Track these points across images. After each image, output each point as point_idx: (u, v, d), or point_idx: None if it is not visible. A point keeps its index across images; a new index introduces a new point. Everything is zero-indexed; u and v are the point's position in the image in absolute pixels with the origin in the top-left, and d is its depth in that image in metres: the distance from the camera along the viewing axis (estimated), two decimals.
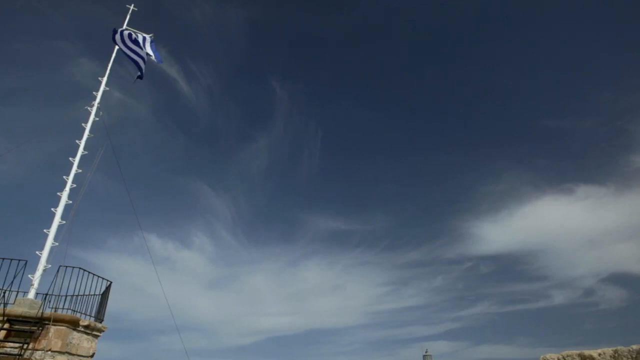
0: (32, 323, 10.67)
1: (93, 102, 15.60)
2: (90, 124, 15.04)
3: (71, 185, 13.73)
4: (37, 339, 10.67)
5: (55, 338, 10.84)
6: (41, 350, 10.60)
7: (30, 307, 11.07)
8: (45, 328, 10.81)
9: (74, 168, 14.00)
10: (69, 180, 13.73)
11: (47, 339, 10.74)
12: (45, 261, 12.18)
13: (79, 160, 14.31)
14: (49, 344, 10.70)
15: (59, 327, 10.99)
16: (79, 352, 11.39)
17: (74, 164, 14.11)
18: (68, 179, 13.77)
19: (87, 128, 14.96)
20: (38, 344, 10.63)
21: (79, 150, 14.43)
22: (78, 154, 14.35)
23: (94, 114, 15.25)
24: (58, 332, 10.93)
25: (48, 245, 12.42)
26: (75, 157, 14.29)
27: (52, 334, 10.83)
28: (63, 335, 10.96)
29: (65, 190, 13.50)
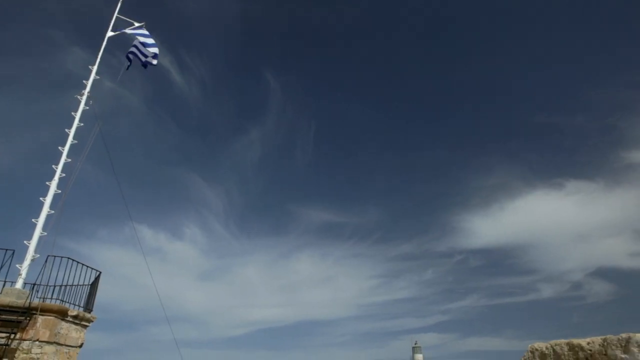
0: (20, 313, 10.56)
1: (83, 91, 15.40)
2: (80, 113, 14.86)
3: (60, 174, 13.58)
4: (25, 329, 10.57)
5: (43, 328, 10.75)
6: (29, 340, 10.51)
7: (18, 296, 10.96)
8: (33, 318, 10.71)
9: (63, 157, 13.83)
10: (58, 170, 13.57)
11: (34, 329, 10.64)
12: (33, 251, 12.06)
13: (69, 150, 14.13)
14: (37, 334, 10.60)
15: (47, 317, 10.89)
16: (67, 342, 11.31)
17: (63, 153, 13.95)
18: (57, 168, 13.61)
19: (77, 117, 14.78)
20: (25, 334, 10.54)
21: (68, 140, 14.25)
22: (67, 143, 14.18)
23: (83, 102, 15.06)
24: (46, 322, 10.83)
25: (36, 234, 12.29)
26: (65, 146, 14.13)
27: (40, 324, 10.73)
28: (51, 325, 10.87)
29: (54, 180, 13.35)
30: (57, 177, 13.43)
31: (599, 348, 2.26)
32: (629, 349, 2.14)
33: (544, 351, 2.43)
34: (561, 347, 2.34)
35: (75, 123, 14.64)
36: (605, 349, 2.23)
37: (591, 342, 2.31)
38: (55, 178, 13.39)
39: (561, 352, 2.34)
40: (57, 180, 13.39)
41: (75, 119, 14.72)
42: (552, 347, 2.38)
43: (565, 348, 2.33)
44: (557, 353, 2.36)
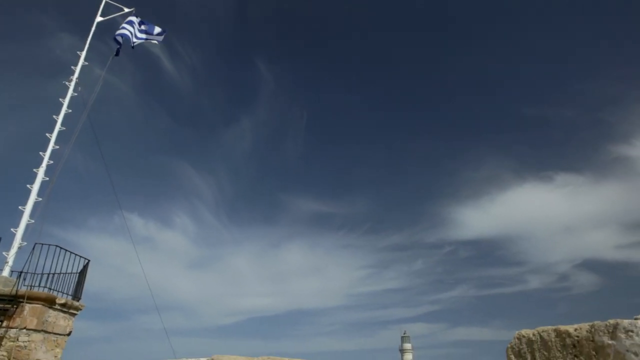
0: (6, 301, 10.45)
1: (71, 77, 15.17)
2: (68, 99, 14.64)
3: (48, 161, 13.41)
4: (12, 317, 10.47)
5: (30, 316, 10.65)
6: (16, 328, 10.41)
7: (5, 284, 10.84)
8: (20, 306, 10.60)
9: (51, 144, 13.65)
10: (46, 157, 13.40)
11: (22, 317, 10.54)
12: (20, 238, 11.93)
13: (57, 137, 13.95)
14: (24, 322, 10.50)
15: (34, 305, 10.79)
16: (55, 330, 11.22)
17: (51, 140, 13.76)
18: (45, 155, 13.43)
19: (65, 103, 14.56)
20: (12, 322, 10.44)
21: (56, 126, 14.05)
22: (55, 129, 13.99)
23: (72, 89, 14.84)
24: (33, 310, 10.73)
25: (23, 222, 12.15)
26: (53, 133, 13.93)
27: (27, 312, 10.63)
28: (39, 314, 10.77)
29: (41, 167, 13.18)
30: (44, 164, 13.25)
31: (586, 334, 2.22)
32: (616, 335, 2.10)
33: (530, 338, 2.39)
34: (548, 334, 2.30)
35: (63, 109, 14.43)
36: (593, 335, 2.19)
37: (578, 329, 2.27)
38: (42, 165, 13.22)
39: (548, 339, 2.30)
40: (44, 168, 13.22)
41: (63, 105, 14.51)
42: (539, 333, 2.34)
43: (552, 334, 2.29)
44: (544, 339, 2.32)
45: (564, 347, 2.28)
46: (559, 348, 2.30)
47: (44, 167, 13.21)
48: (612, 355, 2.09)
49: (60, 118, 14.23)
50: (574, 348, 2.24)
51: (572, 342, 2.26)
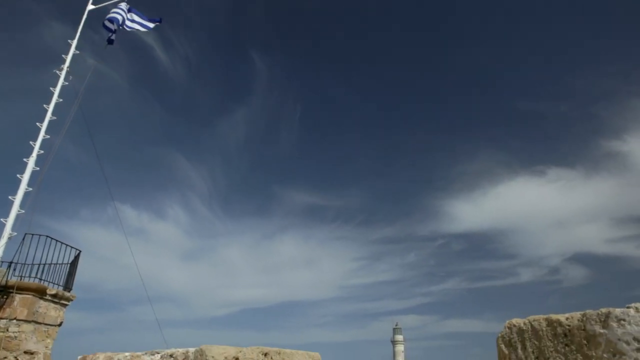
0: None
1: (62, 66, 14.94)
2: (59, 88, 14.43)
3: (39, 151, 13.22)
4: (2, 307, 10.38)
5: (20, 306, 10.56)
6: (6, 318, 10.33)
7: None
8: (10, 296, 10.51)
9: (42, 133, 13.46)
10: (36, 146, 13.21)
11: (12, 307, 10.45)
12: (10, 229, 11.77)
13: (47, 126, 13.75)
14: (14, 313, 10.42)
15: (24, 296, 10.70)
16: (46, 321, 11.14)
17: (41, 129, 13.56)
18: (35, 144, 13.25)
19: (56, 92, 14.35)
20: (2, 313, 10.35)
21: (46, 116, 13.85)
22: (46, 119, 13.78)
23: (63, 77, 14.61)
24: (24, 301, 10.64)
25: (13, 212, 11.99)
26: (43, 122, 13.74)
27: (17, 303, 10.54)
28: (29, 304, 10.68)
29: (32, 157, 13.00)
30: (35, 153, 13.08)
31: (578, 323, 2.19)
32: (608, 324, 2.07)
33: (521, 327, 2.36)
34: (539, 323, 2.27)
35: (54, 99, 14.22)
36: (584, 324, 2.16)
37: (570, 318, 2.24)
38: (33, 155, 13.04)
39: (539, 328, 2.27)
40: (35, 157, 13.05)
41: (54, 94, 14.31)
42: (530, 322, 2.30)
43: (543, 323, 2.26)
44: (534, 328, 2.29)
45: (555, 336, 2.25)
46: (549, 337, 2.27)
47: (35, 156, 13.04)
48: (604, 344, 2.06)
49: (51, 107, 14.03)
50: (565, 337, 2.21)
51: (564, 331, 2.22)
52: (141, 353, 4.96)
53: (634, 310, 2.05)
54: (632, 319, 2.03)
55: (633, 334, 2.01)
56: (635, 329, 2.01)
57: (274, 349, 4.13)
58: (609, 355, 2.06)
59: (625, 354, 2.02)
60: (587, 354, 2.13)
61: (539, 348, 2.32)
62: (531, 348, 2.35)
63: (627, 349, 2.01)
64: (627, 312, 2.06)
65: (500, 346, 2.50)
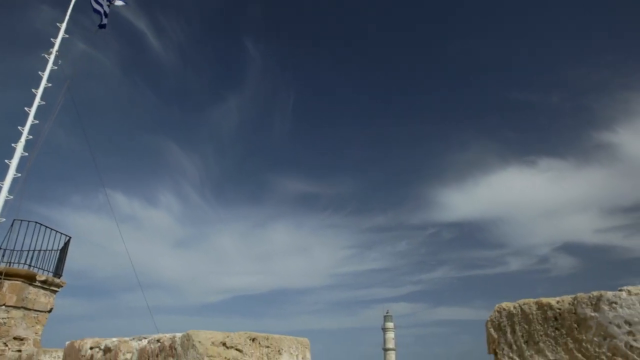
0: None
1: (51, 50, 14.67)
2: (47, 73, 14.18)
3: (27, 136, 13.03)
4: None
5: (9, 293, 10.46)
6: None
7: None
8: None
9: (30, 118, 13.25)
10: (25, 132, 13.02)
11: (1, 293, 10.34)
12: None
13: (36, 111, 13.54)
14: (3, 299, 10.32)
15: (13, 282, 10.59)
16: (35, 307, 11.05)
17: (30, 114, 13.36)
18: (24, 130, 13.06)
19: (45, 77, 14.11)
20: None
21: (35, 100, 13.63)
22: (34, 103, 13.57)
23: (51, 62, 14.36)
24: (13, 287, 10.54)
25: (2, 198, 11.84)
26: (32, 107, 13.52)
27: (6, 289, 10.43)
28: (18, 290, 10.58)
29: (20, 142, 12.81)
30: (23, 139, 12.89)
31: (569, 307, 2.14)
32: (599, 307, 2.02)
33: (511, 310, 2.31)
34: (529, 307, 2.22)
35: (42, 83, 13.99)
36: (575, 307, 2.11)
37: (561, 301, 2.19)
38: (21, 140, 12.85)
39: (529, 312, 2.23)
40: (23, 143, 12.86)
41: (42, 78, 14.07)
42: (520, 306, 2.26)
43: (533, 307, 2.21)
44: (525, 312, 2.24)
45: (545, 320, 2.20)
46: (540, 321, 2.22)
47: (23, 142, 12.85)
48: (595, 328, 2.01)
49: (40, 92, 13.80)
50: (556, 321, 2.16)
51: (554, 314, 2.18)
52: (129, 338, 4.90)
53: (626, 293, 2.00)
54: (624, 302, 1.98)
55: (624, 317, 1.96)
56: (626, 312, 1.96)
57: (262, 335, 4.08)
58: (599, 339, 2.01)
59: (615, 337, 1.97)
60: (577, 338, 2.08)
61: (529, 332, 2.27)
62: (521, 332, 2.31)
63: (617, 332, 1.97)
64: (619, 295, 2.01)
65: (490, 330, 2.45)
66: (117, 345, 4.98)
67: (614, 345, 1.97)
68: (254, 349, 3.95)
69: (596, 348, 2.02)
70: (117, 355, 4.88)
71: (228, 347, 3.81)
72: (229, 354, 3.74)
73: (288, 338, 4.22)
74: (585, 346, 2.05)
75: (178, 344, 3.92)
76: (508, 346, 2.35)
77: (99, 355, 5.28)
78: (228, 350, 3.78)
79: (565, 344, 2.12)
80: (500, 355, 2.37)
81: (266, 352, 4.01)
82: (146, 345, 4.48)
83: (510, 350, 2.33)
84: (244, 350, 3.83)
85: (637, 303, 1.96)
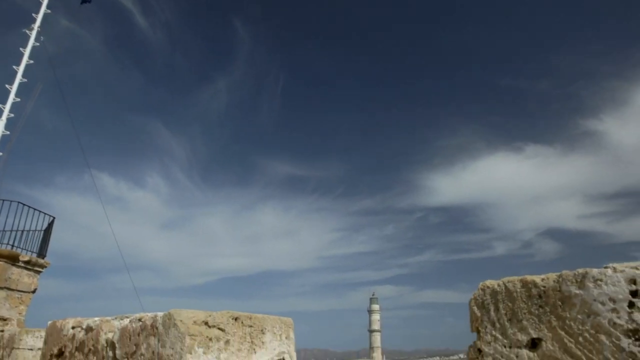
0: None
1: (32, 25, 14.26)
2: (29, 49, 13.80)
3: (9, 114, 12.73)
4: None
5: None
6: None
7: None
8: None
9: (11, 96, 12.94)
10: (6, 109, 12.72)
11: None
12: None
13: (18, 88, 13.22)
14: None
15: None
16: (19, 288, 10.92)
17: (11, 92, 13.03)
18: (5, 107, 12.74)
19: (26, 53, 13.74)
20: None
21: (16, 77, 13.29)
22: (16, 80, 13.23)
23: (33, 37, 13.97)
24: None
25: None
26: (13, 84, 13.18)
27: None
28: (1, 271, 10.43)
29: (1, 120, 12.52)
30: (4, 117, 12.59)
31: (554, 284, 2.10)
32: (584, 284, 1.98)
33: (495, 288, 2.27)
34: (514, 284, 2.18)
35: (24, 60, 13.62)
36: (560, 285, 2.07)
37: (545, 279, 2.16)
38: (2, 118, 12.55)
39: (513, 289, 2.19)
40: (4, 121, 12.57)
41: (24, 55, 13.70)
42: (504, 284, 2.22)
43: (518, 285, 2.17)
44: (509, 290, 2.20)
45: (530, 297, 2.17)
46: (524, 299, 2.19)
47: (4, 120, 12.56)
48: (579, 305, 1.98)
49: (21, 69, 13.45)
50: (540, 299, 2.13)
51: (538, 292, 2.14)
52: (110, 318, 4.82)
53: (612, 270, 1.96)
54: (609, 279, 1.94)
55: (609, 294, 1.93)
56: (611, 289, 1.92)
57: (245, 314, 4.03)
58: (583, 317, 1.98)
59: (599, 314, 1.94)
60: (560, 315, 2.05)
61: (512, 310, 2.24)
62: (504, 310, 2.27)
63: (601, 310, 1.93)
64: (604, 272, 1.97)
65: (473, 308, 2.42)
66: (98, 325, 4.91)
67: (598, 322, 1.94)
68: (237, 328, 3.90)
69: (579, 325, 1.98)
70: (99, 334, 4.82)
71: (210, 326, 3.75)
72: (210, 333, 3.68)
73: (271, 318, 4.17)
74: (568, 324, 2.02)
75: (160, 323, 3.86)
76: (491, 324, 2.31)
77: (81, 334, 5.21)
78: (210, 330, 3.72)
79: (549, 321, 2.08)
80: (482, 333, 2.34)
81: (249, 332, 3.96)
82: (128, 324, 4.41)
83: (493, 328, 2.30)
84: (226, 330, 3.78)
85: (622, 280, 1.92)
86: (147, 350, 4.03)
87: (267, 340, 4.02)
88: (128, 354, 4.31)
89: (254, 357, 3.76)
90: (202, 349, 3.53)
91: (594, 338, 1.93)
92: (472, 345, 2.41)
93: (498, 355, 2.25)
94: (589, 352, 1.94)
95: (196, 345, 3.51)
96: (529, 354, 2.14)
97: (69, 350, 5.52)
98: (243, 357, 3.68)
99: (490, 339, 2.30)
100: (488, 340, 2.31)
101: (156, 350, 3.86)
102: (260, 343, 3.94)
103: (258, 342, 3.93)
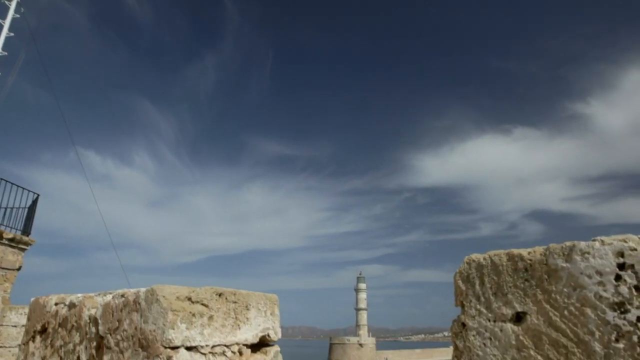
0: None
1: None
2: (9, 21, 13.37)
3: None
4: None
5: None
6: None
7: None
8: None
9: None
10: None
11: None
12: None
13: None
14: None
15: None
16: (3, 265, 10.79)
17: None
18: None
19: (6, 25, 13.30)
20: None
21: None
22: None
23: (13, 9, 13.50)
24: None
25: None
26: None
27: None
28: None
29: None
30: None
31: (540, 258, 2.05)
32: (571, 257, 1.93)
33: (481, 262, 2.22)
34: (500, 257, 2.12)
35: (4, 32, 13.20)
36: (547, 258, 2.03)
37: (532, 252, 2.11)
38: None
39: (499, 263, 2.14)
40: None
41: (3, 27, 13.27)
42: (490, 257, 2.16)
43: (504, 258, 2.12)
44: (495, 263, 2.15)
45: (516, 271, 2.12)
46: (509, 272, 2.14)
47: None
48: (565, 278, 1.94)
49: (1, 41, 13.04)
50: (526, 272, 2.09)
51: (525, 265, 2.10)
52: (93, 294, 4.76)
53: (599, 243, 1.92)
54: (597, 252, 1.90)
55: (596, 267, 1.89)
56: (598, 262, 1.88)
57: (229, 290, 3.97)
58: (569, 290, 1.94)
59: (585, 287, 1.90)
60: (546, 289, 2.01)
61: (498, 283, 2.20)
62: (489, 284, 2.23)
63: (588, 283, 1.90)
64: (592, 244, 1.93)
65: (458, 282, 2.38)
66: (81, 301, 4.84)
67: (584, 295, 1.90)
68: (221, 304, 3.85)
69: (565, 299, 1.95)
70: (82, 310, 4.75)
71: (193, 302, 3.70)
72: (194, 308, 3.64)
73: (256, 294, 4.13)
74: (554, 297, 1.98)
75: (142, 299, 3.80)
76: (476, 298, 2.27)
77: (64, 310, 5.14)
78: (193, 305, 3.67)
79: (535, 295, 2.04)
80: (467, 307, 2.30)
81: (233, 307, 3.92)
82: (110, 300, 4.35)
83: (477, 302, 2.26)
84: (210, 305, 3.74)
85: (610, 253, 1.88)
86: (129, 326, 3.98)
87: (252, 316, 3.99)
88: (111, 329, 4.25)
89: (238, 332, 3.74)
90: (185, 324, 3.48)
91: (579, 311, 1.90)
92: (456, 320, 2.37)
93: (482, 329, 2.22)
94: (574, 326, 1.91)
95: (179, 321, 3.46)
96: (513, 327, 2.10)
97: (52, 327, 5.46)
98: (227, 332, 3.65)
99: (474, 313, 2.27)
100: (472, 314, 2.27)
101: (139, 326, 3.81)
102: (245, 319, 3.91)
103: (242, 318, 3.89)
